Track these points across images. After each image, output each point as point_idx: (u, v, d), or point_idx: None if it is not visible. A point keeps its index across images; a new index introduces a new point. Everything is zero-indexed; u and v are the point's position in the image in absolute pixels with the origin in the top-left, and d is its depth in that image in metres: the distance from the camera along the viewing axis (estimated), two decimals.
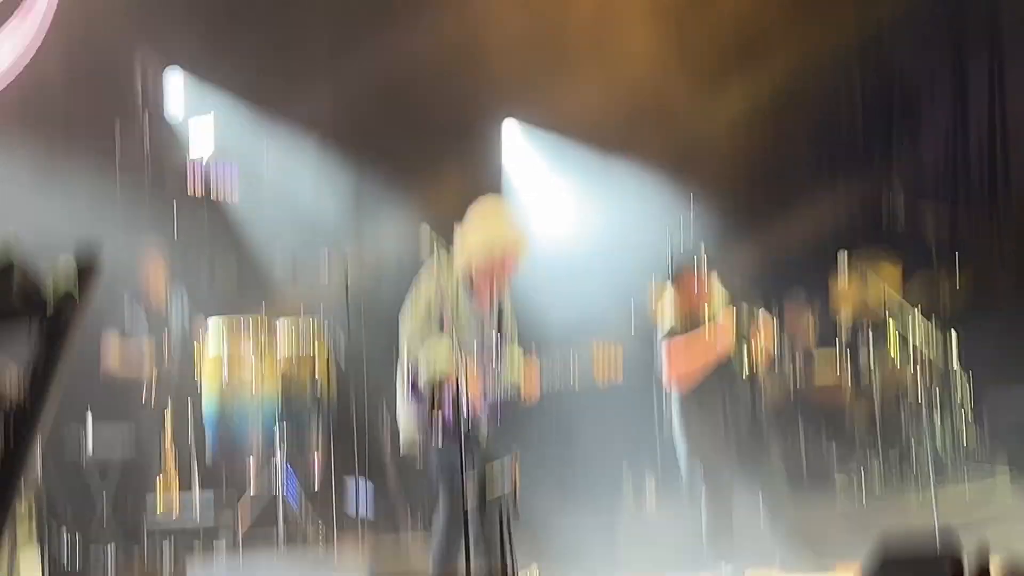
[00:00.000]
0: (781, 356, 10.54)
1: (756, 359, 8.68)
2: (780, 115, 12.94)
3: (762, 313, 8.59)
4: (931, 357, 10.24)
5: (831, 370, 10.60)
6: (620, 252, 11.36)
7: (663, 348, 8.54)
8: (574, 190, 12.52)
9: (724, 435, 8.49)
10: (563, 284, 11.22)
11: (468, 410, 6.65)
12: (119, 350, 9.45)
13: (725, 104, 12.35)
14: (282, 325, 9.38)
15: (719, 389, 8.49)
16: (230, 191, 10.98)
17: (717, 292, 8.67)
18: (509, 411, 7.23)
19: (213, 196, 10.91)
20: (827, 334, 10.90)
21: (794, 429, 10.50)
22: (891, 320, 10.58)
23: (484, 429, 7.04)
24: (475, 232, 6.97)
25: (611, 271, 11.30)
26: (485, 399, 6.98)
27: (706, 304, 8.61)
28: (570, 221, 12.26)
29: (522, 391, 7.11)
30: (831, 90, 13.05)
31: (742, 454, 8.57)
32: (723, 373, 8.50)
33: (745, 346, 8.52)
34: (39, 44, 9.57)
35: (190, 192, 10.87)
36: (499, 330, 7.13)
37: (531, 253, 7.18)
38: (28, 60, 9.51)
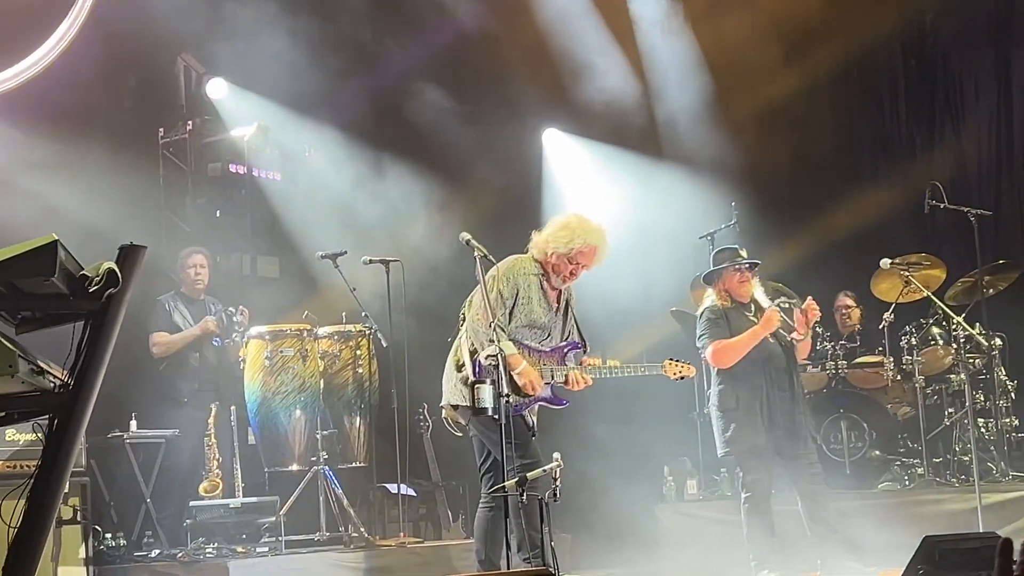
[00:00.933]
0: (823, 357, 10.51)
1: (795, 357, 8.64)
2: (822, 108, 12.90)
3: (803, 307, 8.55)
4: (976, 363, 10.16)
5: (874, 373, 10.53)
6: (661, 253, 11.38)
7: (708, 351, 8.52)
8: (614, 194, 12.52)
9: (764, 439, 8.45)
10: (605, 283, 11.24)
11: (516, 391, 6.94)
12: (165, 348, 9.48)
13: (766, 98, 12.33)
14: (325, 330, 9.43)
15: (759, 391, 8.45)
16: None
17: (759, 289, 8.66)
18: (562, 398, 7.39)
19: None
20: (869, 338, 10.83)
21: (836, 432, 10.44)
22: (934, 325, 10.51)
23: (533, 416, 7.29)
24: (562, 224, 7.32)
25: (651, 272, 11.31)
26: (546, 383, 7.23)
27: (750, 301, 8.60)
28: (611, 223, 12.26)
29: (575, 386, 7.32)
30: (873, 82, 12.97)
31: (783, 457, 8.54)
32: (764, 374, 8.46)
33: (786, 343, 8.49)
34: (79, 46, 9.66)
35: (232, 198, 10.93)
36: (564, 327, 7.40)
37: (608, 257, 7.45)
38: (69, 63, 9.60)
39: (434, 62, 11.81)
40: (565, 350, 7.36)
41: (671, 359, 7.71)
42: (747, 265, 8.59)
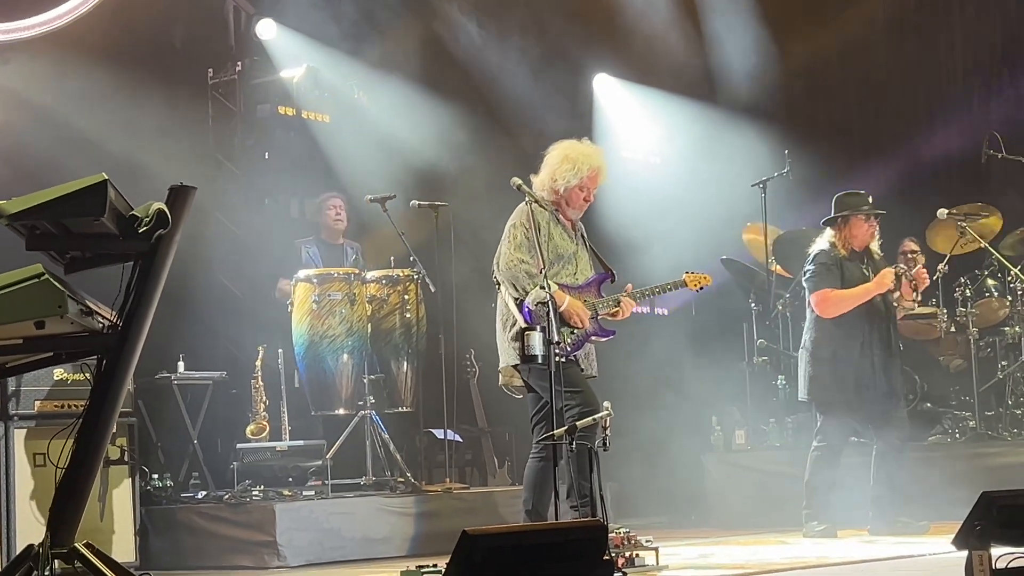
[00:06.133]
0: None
1: (896, 315, 8.48)
2: (877, 54, 12.72)
3: (911, 274, 8.40)
4: None
5: (927, 325, 10.41)
6: (712, 200, 11.29)
7: (814, 298, 8.36)
8: (665, 141, 12.44)
9: (851, 395, 8.30)
10: (655, 231, 11.18)
11: (563, 331, 6.91)
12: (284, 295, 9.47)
13: (821, 44, 12.17)
14: (373, 274, 9.39)
15: (856, 346, 8.30)
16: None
17: (876, 241, 8.52)
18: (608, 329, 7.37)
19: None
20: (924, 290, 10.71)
21: None
22: (989, 276, 10.37)
23: (589, 353, 7.30)
24: (561, 158, 7.32)
25: (702, 219, 11.22)
26: (592, 318, 7.22)
27: (862, 251, 8.45)
28: (662, 167, 12.22)
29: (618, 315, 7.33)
30: (930, 27, 12.77)
31: (871, 415, 8.39)
32: (864, 329, 8.30)
33: (889, 300, 8.35)
34: None
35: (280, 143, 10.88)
36: (588, 259, 7.43)
37: (610, 176, 7.52)
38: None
39: (485, 3, 11.70)
40: (599, 283, 7.39)
41: (689, 272, 7.65)
42: (876, 214, 8.44)
